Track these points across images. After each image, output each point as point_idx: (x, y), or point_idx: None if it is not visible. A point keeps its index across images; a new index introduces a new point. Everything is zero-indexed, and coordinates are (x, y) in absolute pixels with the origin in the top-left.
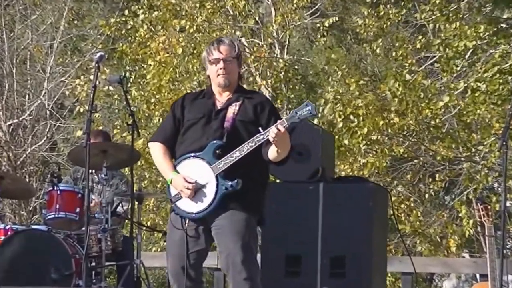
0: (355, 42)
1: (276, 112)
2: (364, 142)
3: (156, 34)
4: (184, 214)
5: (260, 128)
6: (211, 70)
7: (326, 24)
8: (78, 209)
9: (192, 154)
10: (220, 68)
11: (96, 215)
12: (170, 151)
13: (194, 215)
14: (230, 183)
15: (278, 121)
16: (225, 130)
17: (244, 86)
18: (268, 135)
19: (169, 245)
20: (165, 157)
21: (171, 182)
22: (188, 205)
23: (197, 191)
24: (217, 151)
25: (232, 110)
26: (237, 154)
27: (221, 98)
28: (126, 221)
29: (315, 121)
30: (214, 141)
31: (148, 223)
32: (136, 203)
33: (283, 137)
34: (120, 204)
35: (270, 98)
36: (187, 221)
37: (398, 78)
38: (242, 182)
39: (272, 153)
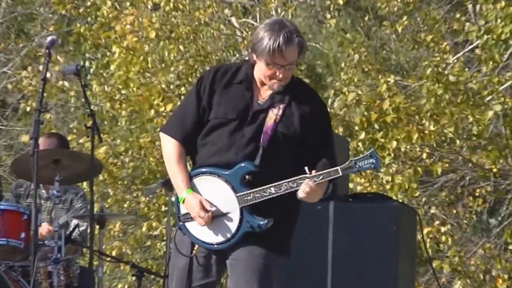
0: (375, 24)
1: (328, 126)
2: (392, 155)
3: (123, 13)
4: (193, 239)
5: (306, 168)
6: (262, 68)
7: (340, 0)
8: (23, 235)
9: (216, 171)
10: (278, 75)
11: (46, 241)
12: (187, 150)
13: (206, 244)
14: (258, 223)
15: (327, 170)
16: (260, 146)
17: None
18: (315, 179)
19: (172, 273)
20: (179, 163)
21: (183, 202)
22: (200, 231)
23: (214, 218)
24: (247, 177)
25: (274, 114)
26: (271, 190)
27: (262, 90)
28: (84, 249)
29: None
30: (244, 164)
31: (113, 253)
32: (97, 226)
33: (315, 194)
34: (77, 228)
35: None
36: (196, 246)
37: (439, 78)
38: (274, 218)
39: None
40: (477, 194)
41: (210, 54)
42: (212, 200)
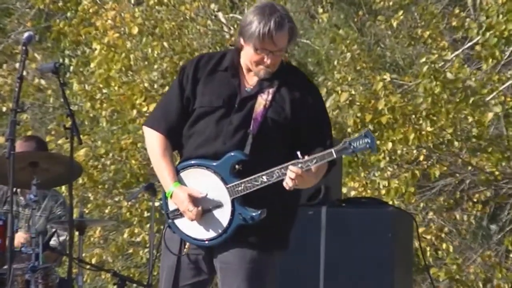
0: (368, 19)
1: (323, 111)
2: (387, 158)
3: (104, 8)
4: (183, 236)
5: (298, 153)
6: (249, 53)
7: None
8: None
9: (203, 163)
10: (266, 61)
11: (23, 249)
12: (172, 143)
13: (197, 241)
14: (250, 214)
15: (321, 153)
16: (249, 134)
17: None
18: (308, 164)
19: (161, 273)
20: (164, 156)
21: (170, 196)
22: (190, 228)
23: (204, 212)
24: (237, 166)
25: (263, 100)
26: (263, 179)
27: (249, 76)
28: (64, 257)
29: None
30: (233, 153)
31: (93, 261)
32: (77, 233)
33: (304, 180)
34: (55, 234)
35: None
36: (187, 244)
37: (436, 75)
38: (268, 211)
39: None
40: (475, 200)
41: (196, 51)
42: (202, 194)
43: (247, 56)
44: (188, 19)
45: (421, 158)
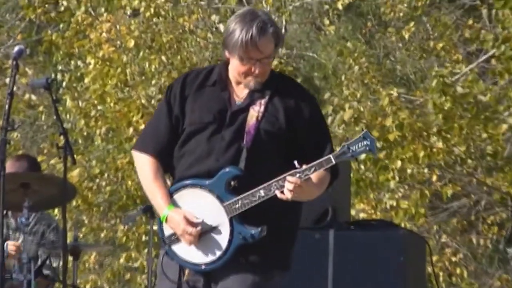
0: (378, 31)
1: (320, 120)
2: (397, 179)
3: (98, 20)
4: (183, 262)
5: (295, 162)
6: (236, 64)
7: (339, 5)
8: None
9: (197, 182)
10: (254, 70)
11: (13, 275)
12: (164, 166)
13: (197, 266)
14: (250, 232)
15: (319, 160)
16: (243, 148)
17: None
18: (307, 173)
19: None
20: (156, 179)
21: (165, 220)
22: (188, 252)
23: (202, 234)
24: (232, 183)
25: (255, 112)
26: (261, 193)
27: (239, 88)
28: (57, 284)
29: None
30: (227, 169)
31: (88, 287)
32: (71, 258)
33: (303, 191)
34: (48, 260)
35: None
36: (186, 271)
37: (446, 90)
38: (268, 228)
39: None
40: (491, 222)
41: (196, 65)
42: (198, 215)
43: (234, 68)
44: (187, 31)
45: (434, 178)
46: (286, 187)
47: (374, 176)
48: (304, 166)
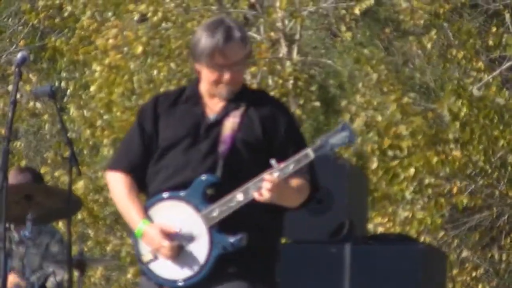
0: (397, 37)
1: (296, 128)
2: (411, 188)
3: (105, 25)
4: (161, 281)
5: (273, 161)
6: (206, 74)
7: (357, 10)
8: None
9: (172, 194)
10: (224, 77)
11: None
12: (138, 184)
13: (177, 284)
14: (230, 240)
15: (297, 155)
16: (219, 156)
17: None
18: (285, 170)
19: None
20: (130, 195)
21: (141, 235)
22: (167, 269)
23: (181, 248)
24: (209, 191)
25: (230, 124)
26: (239, 198)
27: (212, 103)
28: None
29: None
30: (204, 177)
31: None
32: (76, 272)
33: (282, 192)
34: (52, 274)
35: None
36: None
37: (462, 93)
38: (249, 237)
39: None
40: None
41: None
42: (175, 227)
43: (205, 78)
44: None
45: (454, 190)
46: (264, 186)
47: (387, 186)
48: (282, 164)
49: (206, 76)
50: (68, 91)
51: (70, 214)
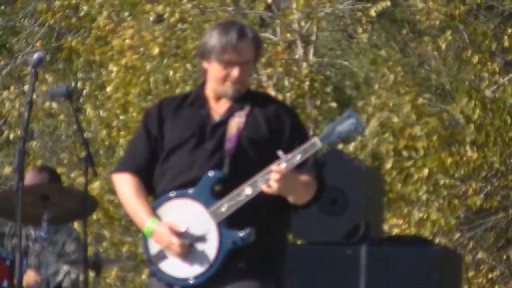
0: (413, 38)
1: (301, 127)
2: (425, 188)
3: (121, 26)
4: (171, 280)
5: (280, 153)
6: (214, 71)
7: (372, 12)
8: (5, 283)
9: (180, 193)
10: (235, 75)
11: None
12: (145, 186)
13: (188, 282)
14: (239, 235)
15: (303, 146)
16: (225, 154)
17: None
18: (292, 161)
19: None
20: (138, 196)
21: (150, 234)
22: (177, 268)
23: (189, 246)
24: (216, 187)
25: (236, 123)
26: (247, 191)
27: (218, 106)
28: None
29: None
30: (211, 173)
31: None
32: (92, 273)
33: (289, 183)
34: (68, 275)
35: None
36: None
37: (474, 95)
38: (257, 232)
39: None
40: None
41: None
42: (184, 225)
43: (213, 75)
44: None
45: (470, 191)
46: (272, 177)
47: (401, 186)
48: (289, 155)
49: (214, 73)
50: (84, 91)
51: (86, 214)
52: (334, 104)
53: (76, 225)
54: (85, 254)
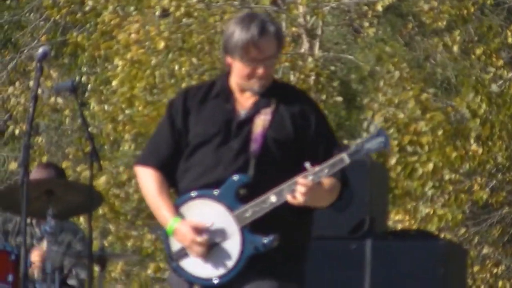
0: (419, 33)
1: (325, 122)
2: (431, 184)
3: (127, 20)
4: (192, 278)
5: (307, 165)
6: (238, 68)
7: (379, 7)
8: (11, 277)
9: (204, 193)
10: (257, 72)
11: (37, 286)
12: (168, 180)
13: (207, 281)
14: (262, 241)
15: (332, 159)
16: (251, 156)
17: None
18: (319, 174)
19: None
20: (161, 192)
21: (172, 233)
22: (198, 267)
23: (211, 246)
24: (241, 191)
25: (261, 121)
26: (272, 200)
27: (243, 98)
28: None
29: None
30: (235, 177)
31: None
32: (97, 268)
33: (315, 194)
34: (72, 271)
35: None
36: None
37: (480, 89)
38: (281, 236)
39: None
40: None
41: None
42: (207, 225)
43: (237, 72)
44: (219, 32)
45: (475, 187)
46: (298, 190)
47: (405, 181)
48: (317, 168)
49: (239, 70)
50: (90, 86)
51: (91, 209)
52: (339, 98)
53: (81, 219)
54: (90, 249)
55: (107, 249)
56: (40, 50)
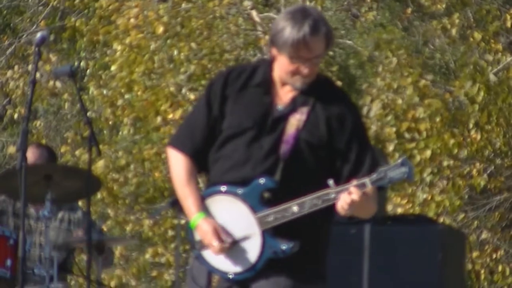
0: (417, 17)
1: (363, 129)
2: (429, 170)
3: (125, 5)
4: (211, 268)
5: (330, 182)
6: (284, 63)
7: None
8: (9, 262)
9: (230, 190)
10: (302, 70)
11: (35, 270)
12: (198, 165)
13: (228, 275)
14: (282, 247)
15: (354, 182)
16: (280, 159)
17: None
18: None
19: None
20: (189, 183)
21: (194, 227)
22: (218, 259)
23: (232, 244)
24: (266, 195)
25: (296, 121)
26: (294, 210)
27: (283, 91)
28: (81, 279)
29: None
30: (262, 180)
31: (112, 283)
32: (96, 252)
33: (359, 205)
34: (72, 255)
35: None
36: (215, 277)
37: (478, 78)
38: (301, 243)
39: None
40: None
41: (227, 53)
42: (229, 223)
43: (282, 66)
44: (218, 17)
45: (474, 172)
46: (344, 200)
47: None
48: (339, 187)
49: (283, 65)
50: (89, 70)
51: (90, 194)
52: (338, 83)
53: (80, 204)
54: (89, 233)
55: (106, 234)
56: (38, 35)
